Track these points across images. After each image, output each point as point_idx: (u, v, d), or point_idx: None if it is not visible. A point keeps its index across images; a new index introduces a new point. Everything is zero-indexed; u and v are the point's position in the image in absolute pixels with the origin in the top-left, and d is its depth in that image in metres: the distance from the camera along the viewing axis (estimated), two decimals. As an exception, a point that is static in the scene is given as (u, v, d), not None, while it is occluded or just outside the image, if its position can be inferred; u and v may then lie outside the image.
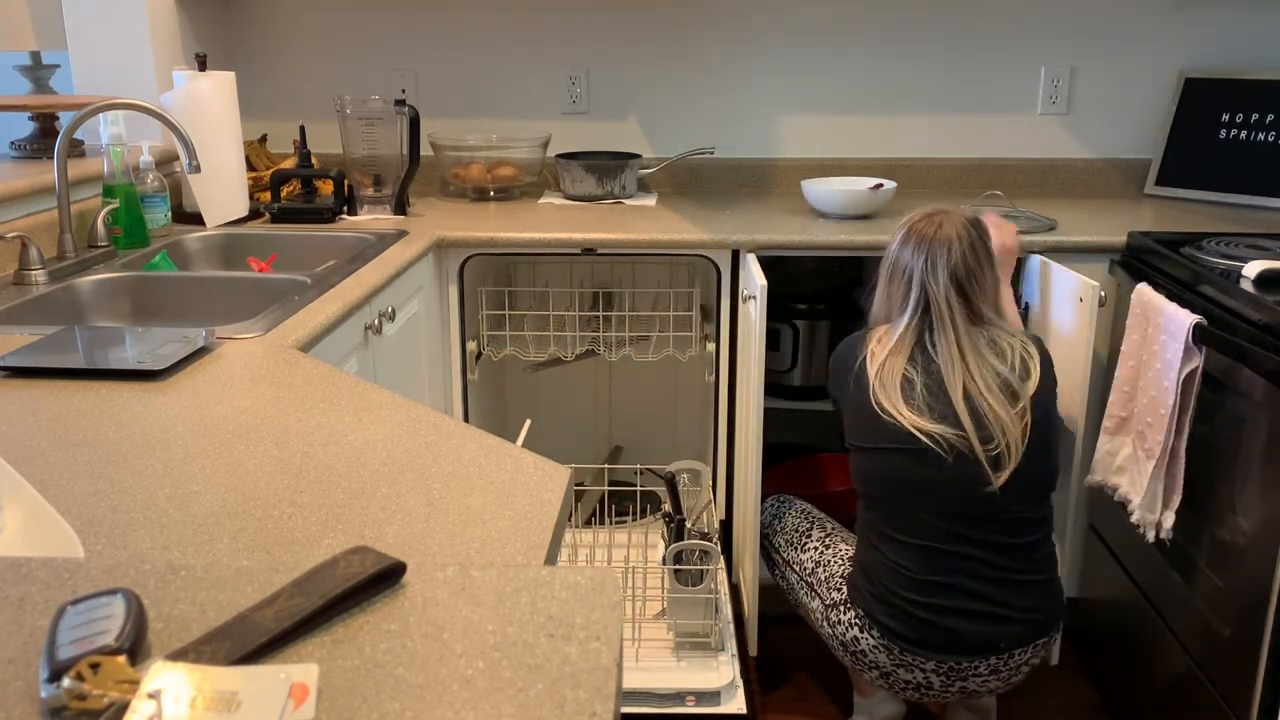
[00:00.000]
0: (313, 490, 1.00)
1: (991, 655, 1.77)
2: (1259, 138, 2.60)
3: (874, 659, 1.82)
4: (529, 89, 2.87)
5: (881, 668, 1.82)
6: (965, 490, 1.72)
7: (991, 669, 1.79)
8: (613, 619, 0.71)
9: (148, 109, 1.95)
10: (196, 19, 2.64)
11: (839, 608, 1.87)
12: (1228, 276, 1.86)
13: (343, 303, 1.70)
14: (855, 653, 1.85)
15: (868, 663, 1.84)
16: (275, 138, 2.82)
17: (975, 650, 1.77)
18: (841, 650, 1.88)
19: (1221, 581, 1.78)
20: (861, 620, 1.82)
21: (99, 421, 1.17)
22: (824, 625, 1.92)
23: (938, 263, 1.76)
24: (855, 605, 1.84)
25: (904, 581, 1.76)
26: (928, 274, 1.76)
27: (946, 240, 1.77)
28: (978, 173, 2.83)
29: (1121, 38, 2.75)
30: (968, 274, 1.76)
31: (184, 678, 0.61)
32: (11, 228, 1.88)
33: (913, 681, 1.82)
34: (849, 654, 1.87)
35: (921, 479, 1.72)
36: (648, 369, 2.91)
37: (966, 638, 1.75)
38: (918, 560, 1.75)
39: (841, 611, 1.86)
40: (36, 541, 0.85)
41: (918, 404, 1.73)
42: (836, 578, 1.91)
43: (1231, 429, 1.77)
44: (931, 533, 1.74)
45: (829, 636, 1.91)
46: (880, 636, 1.79)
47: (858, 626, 1.83)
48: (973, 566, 1.74)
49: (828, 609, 1.90)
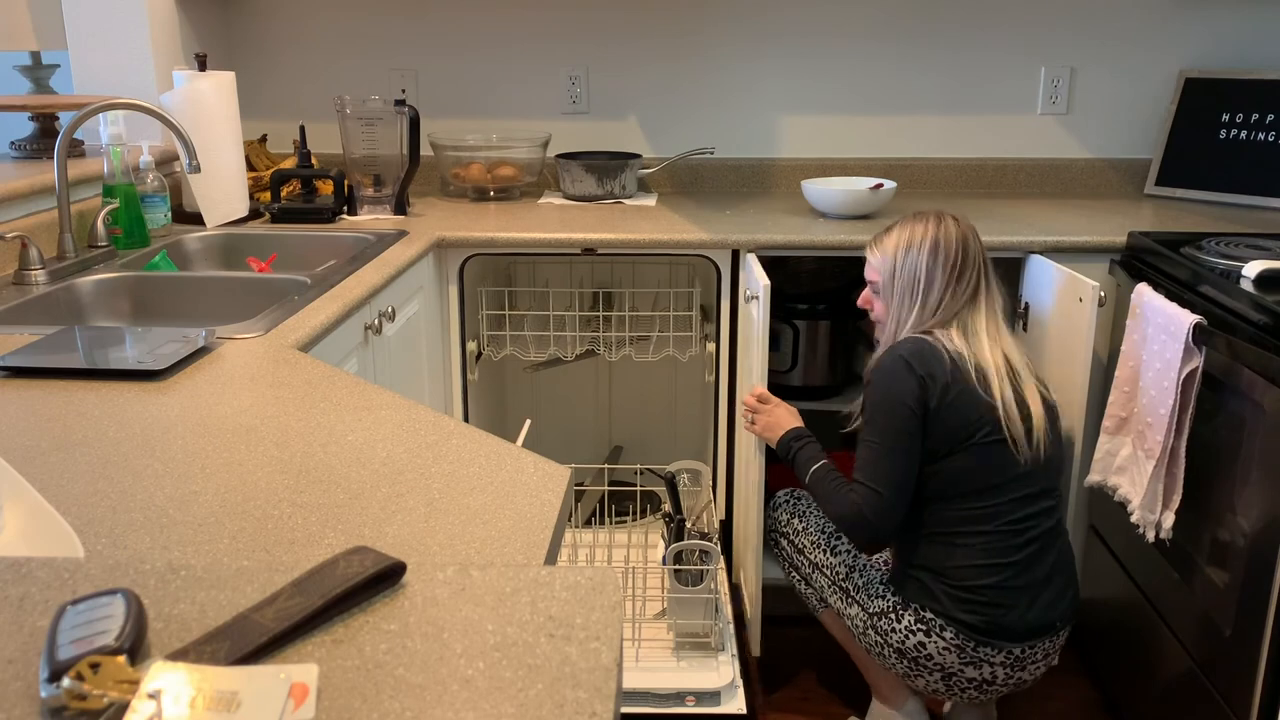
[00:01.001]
0: (313, 490, 1.00)
1: (1049, 636, 1.80)
2: (1259, 138, 2.60)
3: (940, 661, 1.80)
4: (529, 89, 2.87)
5: (947, 669, 1.80)
6: (1030, 470, 1.78)
7: (1045, 653, 1.82)
8: (613, 619, 0.71)
9: (148, 109, 1.95)
10: (196, 19, 2.64)
11: (891, 614, 1.84)
12: (1228, 276, 1.86)
13: (343, 303, 1.70)
14: (916, 658, 1.82)
15: (931, 666, 1.81)
16: (275, 138, 2.82)
17: (1039, 631, 1.78)
18: (896, 657, 1.85)
19: (1221, 581, 1.78)
20: (928, 622, 1.79)
21: (99, 421, 1.17)
22: (869, 633, 1.88)
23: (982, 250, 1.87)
24: (919, 608, 1.80)
25: (983, 571, 1.76)
26: (987, 261, 1.86)
27: (970, 230, 1.86)
28: (978, 173, 2.83)
29: (1121, 38, 2.75)
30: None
31: (184, 678, 0.61)
32: (11, 228, 1.88)
33: (977, 679, 1.80)
34: (906, 660, 1.83)
35: (1007, 462, 1.76)
36: (648, 369, 2.91)
37: (1033, 619, 1.77)
38: (996, 546, 1.76)
39: (895, 618, 1.83)
40: (36, 541, 0.85)
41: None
42: (876, 584, 1.89)
43: (1231, 429, 1.77)
44: (1007, 517, 1.77)
45: (876, 644, 1.88)
46: (953, 636, 1.77)
47: (922, 630, 1.80)
48: (1033, 545, 1.78)
49: (873, 617, 1.87)
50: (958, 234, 1.83)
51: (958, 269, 1.82)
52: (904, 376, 1.76)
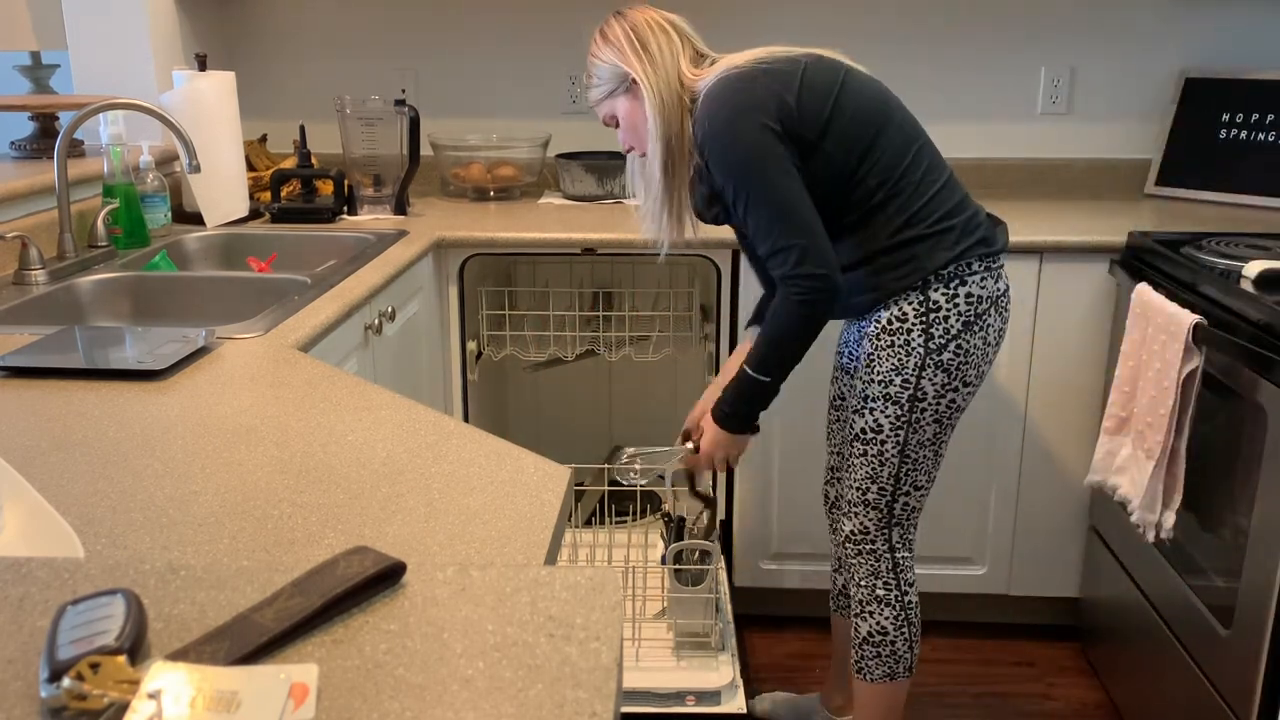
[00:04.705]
0: (313, 490, 1.00)
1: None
2: (1259, 138, 2.60)
3: (986, 300, 1.73)
4: (529, 89, 2.87)
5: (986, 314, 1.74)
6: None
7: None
8: (613, 619, 0.71)
9: (148, 109, 1.95)
10: (196, 19, 2.64)
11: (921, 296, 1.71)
12: (1228, 276, 1.86)
13: (343, 303, 1.70)
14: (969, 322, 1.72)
15: (985, 319, 1.73)
16: (275, 138, 2.82)
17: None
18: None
19: (1222, 581, 1.78)
20: (954, 270, 1.70)
21: (99, 421, 1.17)
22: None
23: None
24: (932, 274, 1.69)
25: (933, 200, 1.74)
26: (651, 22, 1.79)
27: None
28: (978, 173, 2.83)
29: (1121, 38, 2.75)
30: None
31: (184, 678, 0.61)
32: (11, 228, 1.88)
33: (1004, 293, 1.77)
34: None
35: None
36: (648, 369, 2.91)
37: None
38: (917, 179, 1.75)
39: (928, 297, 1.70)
40: (36, 541, 0.85)
41: None
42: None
43: (1231, 429, 1.77)
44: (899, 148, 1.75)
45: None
46: (980, 257, 1.73)
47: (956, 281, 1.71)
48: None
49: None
50: (608, 27, 1.74)
51: (639, 42, 1.71)
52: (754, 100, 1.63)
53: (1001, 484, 2.39)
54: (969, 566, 2.46)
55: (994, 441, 2.36)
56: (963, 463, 2.37)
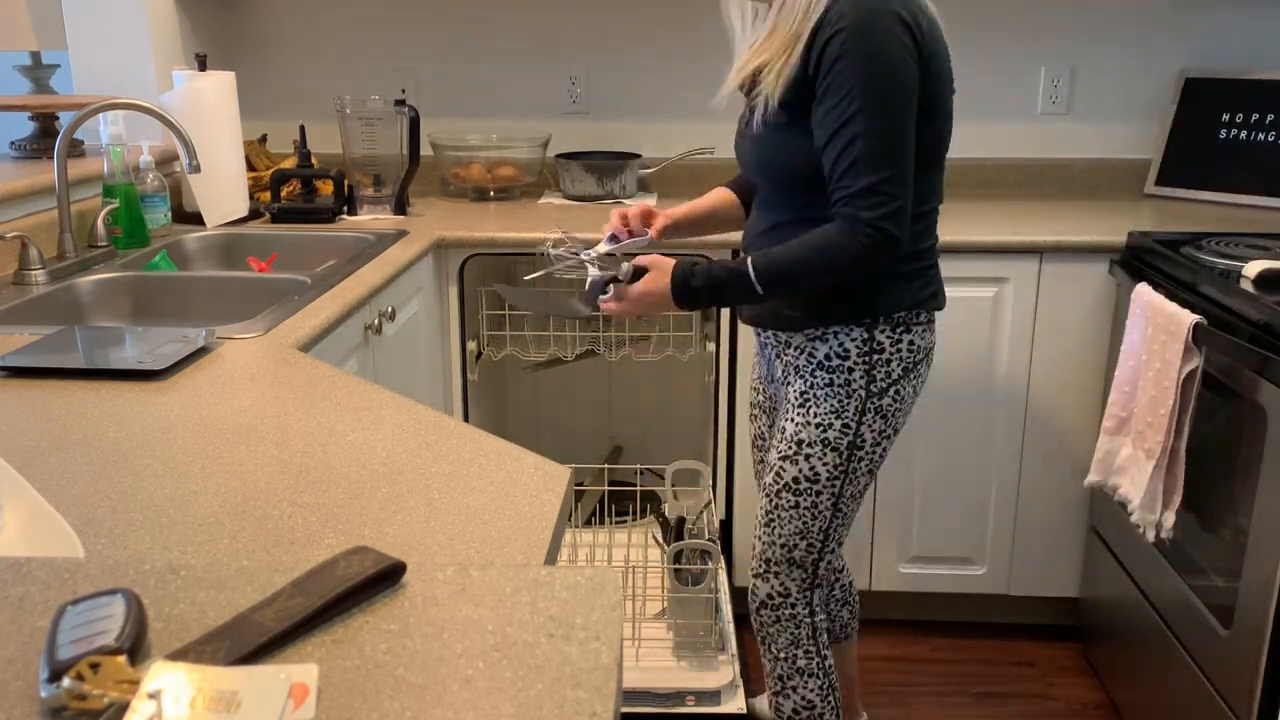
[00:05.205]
0: (313, 490, 1.00)
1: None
2: (1259, 138, 2.60)
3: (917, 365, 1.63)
4: (529, 89, 2.87)
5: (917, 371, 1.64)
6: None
7: None
8: (613, 619, 0.71)
9: (148, 109, 1.95)
10: (196, 19, 2.64)
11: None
12: (1228, 276, 1.86)
13: (343, 303, 1.70)
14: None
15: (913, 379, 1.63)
16: (275, 138, 2.82)
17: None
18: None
19: (1221, 581, 1.78)
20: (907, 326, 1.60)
21: (99, 421, 1.17)
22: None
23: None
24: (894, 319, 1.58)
25: (931, 247, 1.64)
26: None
27: None
28: (977, 173, 2.83)
29: (1121, 38, 2.75)
30: None
31: (184, 678, 0.61)
32: (11, 228, 1.88)
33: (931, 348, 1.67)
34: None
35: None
36: (648, 369, 2.91)
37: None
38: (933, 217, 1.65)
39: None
40: (36, 541, 0.85)
41: None
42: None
43: (1231, 429, 1.77)
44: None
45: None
46: (926, 321, 1.63)
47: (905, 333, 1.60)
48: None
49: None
50: None
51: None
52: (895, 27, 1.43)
53: (1001, 484, 2.39)
54: (969, 566, 2.46)
55: (994, 441, 2.36)
56: (963, 463, 2.37)
